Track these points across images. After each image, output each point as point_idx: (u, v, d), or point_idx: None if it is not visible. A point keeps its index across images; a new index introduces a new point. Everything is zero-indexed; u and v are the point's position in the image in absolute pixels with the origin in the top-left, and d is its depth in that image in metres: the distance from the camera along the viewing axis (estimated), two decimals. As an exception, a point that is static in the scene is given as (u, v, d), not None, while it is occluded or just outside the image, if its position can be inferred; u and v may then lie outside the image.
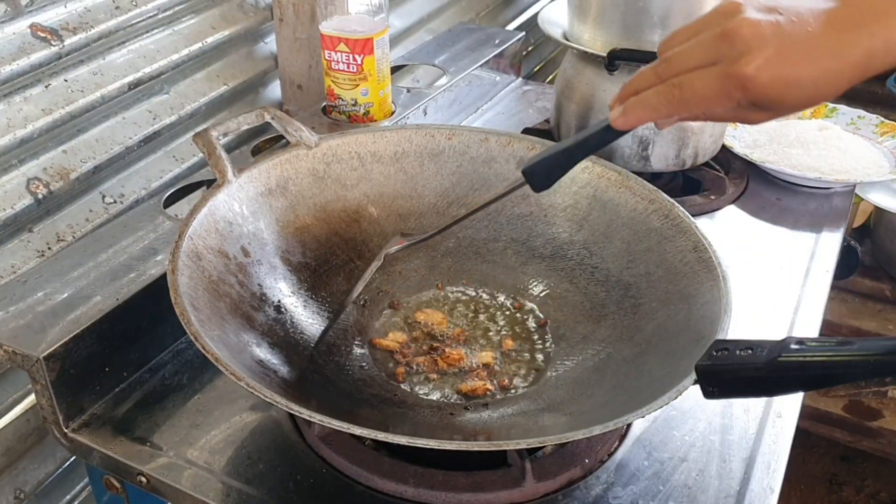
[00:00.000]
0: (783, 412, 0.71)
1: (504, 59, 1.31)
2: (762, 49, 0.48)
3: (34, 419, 0.84)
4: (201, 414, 0.70)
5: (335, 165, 0.80)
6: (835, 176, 1.06)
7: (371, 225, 0.81)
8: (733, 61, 0.49)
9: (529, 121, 1.23)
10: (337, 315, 0.73)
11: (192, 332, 0.56)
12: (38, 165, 0.83)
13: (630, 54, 0.95)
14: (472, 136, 0.83)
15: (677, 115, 0.54)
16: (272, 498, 0.62)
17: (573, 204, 0.80)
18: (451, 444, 0.53)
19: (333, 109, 0.98)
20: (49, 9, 0.82)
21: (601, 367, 0.69)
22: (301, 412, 0.52)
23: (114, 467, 0.67)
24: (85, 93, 0.86)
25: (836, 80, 0.49)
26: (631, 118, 0.56)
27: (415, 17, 1.43)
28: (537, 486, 0.62)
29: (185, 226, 0.66)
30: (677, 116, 0.55)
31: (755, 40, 0.49)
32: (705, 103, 0.52)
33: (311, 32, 1.03)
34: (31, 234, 0.83)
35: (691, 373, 0.53)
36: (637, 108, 0.55)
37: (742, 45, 0.49)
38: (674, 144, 1.01)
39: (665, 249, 0.72)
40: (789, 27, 0.49)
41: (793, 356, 0.49)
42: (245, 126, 0.74)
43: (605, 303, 0.74)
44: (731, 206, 1.04)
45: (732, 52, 0.49)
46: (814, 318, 0.84)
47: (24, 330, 0.66)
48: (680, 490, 0.64)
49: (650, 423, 0.70)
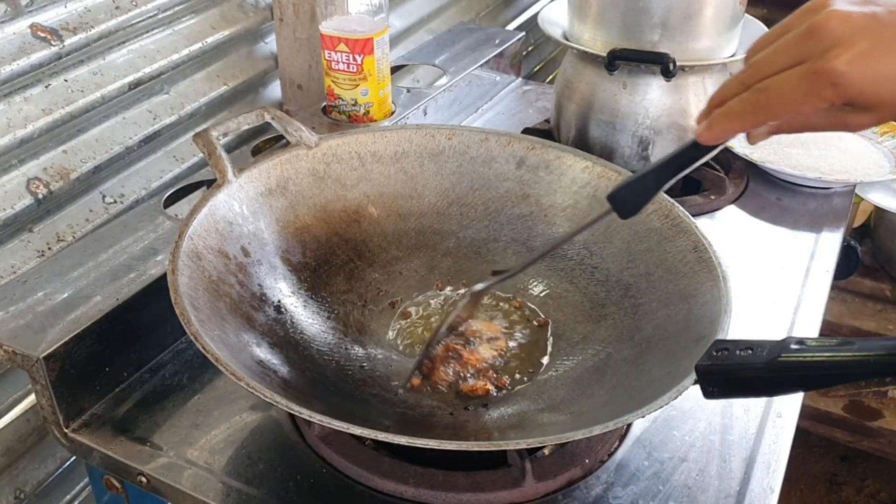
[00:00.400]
0: (783, 412, 0.71)
1: (504, 59, 1.31)
2: (853, 42, 0.45)
3: (34, 419, 0.84)
4: (201, 414, 0.70)
5: (335, 165, 0.80)
6: (835, 176, 1.06)
7: (371, 225, 0.81)
8: (821, 57, 0.46)
9: (529, 121, 1.23)
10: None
11: (192, 332, 0.56)
12: (38, 165, 0.83)
13: (630, 54, 0.95)
14: (472, 136, 0.83)
15: (765, 123, 0.51)
16: (272, 498, 0.62)
17: (573, 204, 0.80)
18: (451, 444, 0.53)
19: (333, 109, 0.98)
20: (49, 9, 0.82)
21: (601, 367, 0.69)
22: (301, 412, 0.52)
23: (114, 467, 0.67)
24: (85, 93, 0.86)
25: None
26: (717, 131, 0.52)
27: (415, 17, 1.43)
28: (537, 486, 0.62)
29: (185, 226, 0.66)
30: (767, 127, 0.52)
31: (845, 33, 0.45)
32: (794, 106, 0.48)
33: (311, 32, 1.03)
34: (31, 234, 0.83)
35: (691, 373, 0.53)
36: (722, 120, 0.51)
37: (830, 39, 0.45)
38: (674, 144, 1.01)
39: (665, 249, 0.72)
40: (888, 17, 0.45)
41: (793, 356, 0.49)
42: (245, 126, 0.74)
43: (605, 303, 0.74)
44: (732, 206, 1.04)
45: (820, 48, 0.46)
46: (814, 318, 0.84)
47: (25, 330, 0.66)
48: (680, 490, 0.64)
49: (650, 423, 0.70)
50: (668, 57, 0.93)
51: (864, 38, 0.45)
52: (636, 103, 0.99)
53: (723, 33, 0.97)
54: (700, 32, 0.95)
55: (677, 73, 0.95)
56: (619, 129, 1.01)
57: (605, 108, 1.01)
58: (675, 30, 0.94)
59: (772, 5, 1.82)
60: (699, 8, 0.93)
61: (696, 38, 0.95)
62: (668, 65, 0.94)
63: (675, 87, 0.98)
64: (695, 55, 0.96)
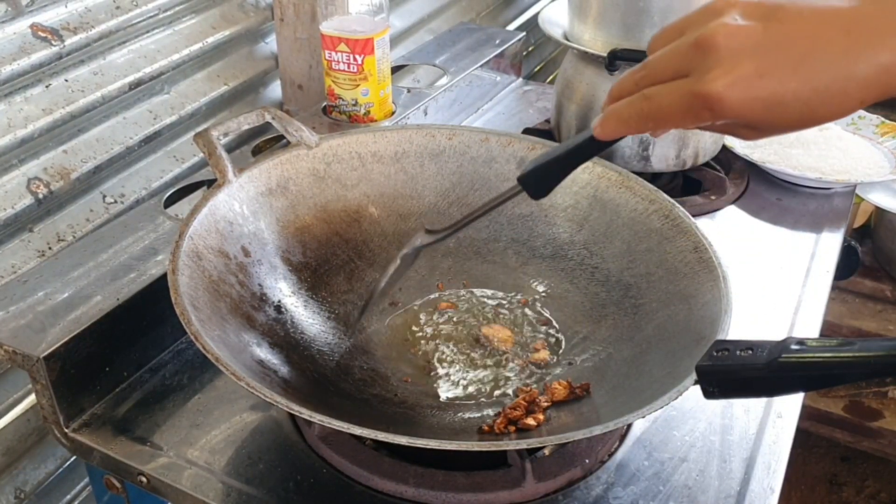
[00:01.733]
0: (783, 412, 0.71)
1: (504, 60, 1.31)
2: (735, 64, 0.42)
3: (34, 419, 0.84)
4: (201, 414, 0.70)
5: (335, 165, 0.80)
6: (835, 176, 1.06)
7: (371, 225, 0.81)
8: (701, 76, 0.43)
9: (530, 121, 1.23)
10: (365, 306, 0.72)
11: (193, 332, 0.56)
12: (38, 165, 0.83)
13: (630, 54, 0.95)
14: (472, 137, 0.83)
15: (652, 130, 0.49)
16: (272, 498, 0.62)
17: (574, 204, 0.80)
18: (452, 445, 0.53)
19: (334, 109, 0.98)
20: (50, 9, 0.82)
21: (601, 368, 0.69)
22: (301, 412, 0.52)
23: (114, 467, 0.67)
24: (85, 93, 0.86)
25: (840, 101, 0.41)
26: (608, 130, 0.50)
27: (415, 17, 1.43)
28: (537, 486, 0.62)
29: (186, 226, 0.66)
30: (659, 129, 0.49)
31: (728, 52, 0.42)
32: (674, 121, 0.46)
33: (311, 32, 1.03)
34: (31, 233, 0.83)
35: (692, 373, 0.53)
36: (612, 121, 0.49)
37: (713, 57, 0.42)
38: (674, 144, 1.01)
39: (665, 250, 0.72)
40: (780, 34, 0.42)
41: (793, 356, 0.49)
42: (245, 126, 0.74)
43: (605, 303, 0.74)
44: (732, 206, 1.04)
45: (703, 66, 0.43)
46: (814, 319, 0.84)
47: (25, 330, 0.66)
48: (680, 490, 0.64)
49: (650, 424, 0.70)
50: (668, 57, 0.93)
51: (748, 59, 0.42)
52: (636, 103, 0.99)
53: (723, 33, 0.97)
54: (700, 33, 0.95)
55: (678, 73, 0.95)
56: (620, 130, 1.01)
57: (606, 109, 1.01)
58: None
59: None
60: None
61: (696, 39, 0.95)
62: (669, 65, 0.94)
63: (675, 88, 0.98)
64: (695, 55, 0.96)
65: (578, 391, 0.65)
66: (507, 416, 0.63)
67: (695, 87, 0.43)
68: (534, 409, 0.64)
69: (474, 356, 0.72)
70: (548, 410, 0.64)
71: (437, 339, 0.74)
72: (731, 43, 0.42)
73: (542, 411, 0.64)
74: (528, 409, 0.63)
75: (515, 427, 0.62)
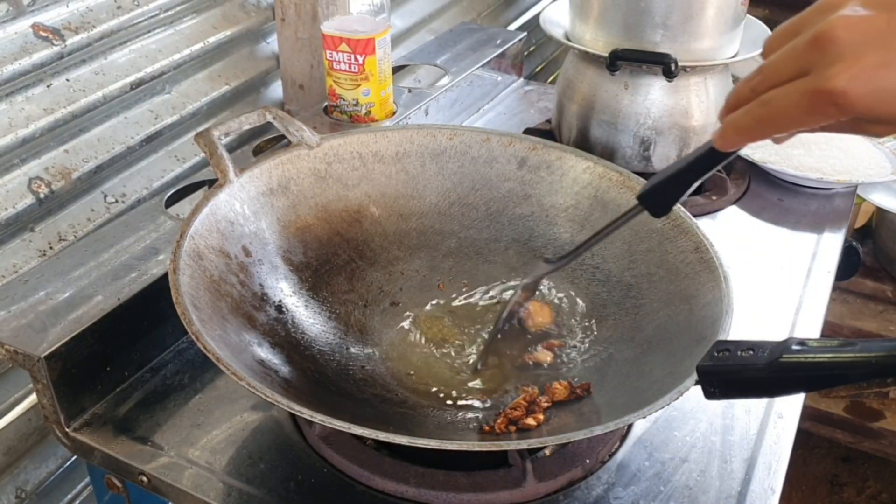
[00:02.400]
0: (784, 413, 0.71)
1: (505, 60, 1.31)
2: (858, 55, 0.40)
3: (35, 418, 0.84)
4: (202, 413, 0.70)
5: (336, 165, 0.80)
6: (836, 177, 1.06)
7: (372, 225, 0.81)
8: (823, 72, 0.41)
9: (531, 121, 1.23)
10: None
11: (194, 332, 0.56)
12: (39, 165, 0.83)
13: (632, 55, 0.95)
14: (473, 137, 0.83)
15: (773, 136, 0.48)
16: (273, 498, 0.62)
17: (574, 204, 0.80)
18: (452, 445, 0.53)
19: (335, 109, 0.98)
20: (51, 8, 0.82)
21: (602, 368, 0.69)
22: (302, 412, 0.52)
23: (115, 467, 0.67)
24: (87, 92, 0.86)
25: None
26: (728, 141, 0.49)
27: (416, 17, 1.43)
28: (538, 486, 0.62)
29: (187, 225, 0.66)
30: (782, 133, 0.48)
31: (850, 45, 0.41)
32: (797, 123, 0.44)
33: (312, 32, 1.03)
34: (32, 233, 0.83)
35: (692, 373, 0.53)
36: (730, 131, 0.48)
37: (834, 51, 0.41)
38: (675, 145, 1.01)
39: (666, 250, 0.72)
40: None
41: (794, 357, 0.49)
42: (246, 126, 0.74)
43: (606, 303, 0.74)
44: (733, 206, 1.04)
45: (824, 61, 0.41)
46: (815, 319, 0.84)
47: (26, 329, 0.66)
48: (681, 491, 0.64)
49: (651, 424, 0.70)
50: (669, 57, 0.93)
51: (872, 50, 0.40)
52: (638, 104, 0.99)
53: (724, 34, 0.97)
54: (702, 33, 0.95)
55: (679, 73, 0.95)
56: (621, 130, 1.01)
57: (607, 109, 1.01)
58: (676, 30, 0.94)
59: (773, 6, 1.82)
60: (701, 8, 0.93)
61: (697, 39, 0.95)
62: (670, 65, 0.94)
63: (676, 88, 0.98)
64: (696, 56, 0.96)
65: (579, 391, 0.65)
66: (508, 416, 0.63)
67: (816, 84, 0.42)
68: (534, 409, 0.64)
69: (474, 356, 0.72)
70: (548, 410, 0.64)
71: (438, 339, 0.74)
72: (852, 35, 0.41)
73: (543, 411, 0.64)
74: (528, 409, 0.64)
75: (516, 427, 0.62)
